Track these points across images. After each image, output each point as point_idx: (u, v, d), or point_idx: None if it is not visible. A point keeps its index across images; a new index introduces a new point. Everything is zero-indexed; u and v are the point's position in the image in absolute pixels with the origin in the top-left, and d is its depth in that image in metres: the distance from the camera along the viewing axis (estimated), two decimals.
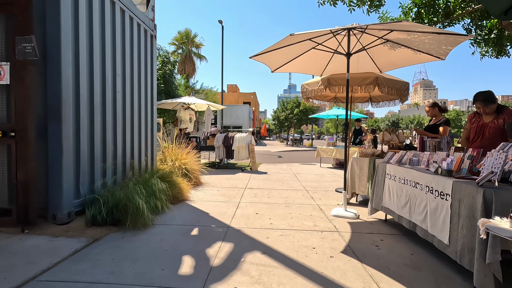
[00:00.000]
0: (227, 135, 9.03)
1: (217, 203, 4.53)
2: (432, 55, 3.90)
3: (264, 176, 7.70)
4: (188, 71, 26.94)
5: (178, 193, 4.53)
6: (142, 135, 5.11)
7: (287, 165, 10.73)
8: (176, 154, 6.15)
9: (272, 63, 4.63)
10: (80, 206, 3.42)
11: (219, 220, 3.61)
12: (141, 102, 5.04)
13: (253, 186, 6.13)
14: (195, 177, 5.99)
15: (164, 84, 9.66)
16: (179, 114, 9.72)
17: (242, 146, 8.65)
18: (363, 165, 4.55)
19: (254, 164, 8.75)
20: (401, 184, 3.11)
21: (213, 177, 7.18)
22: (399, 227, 3.40)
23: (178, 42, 27.44)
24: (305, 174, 8.14)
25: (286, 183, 6.54)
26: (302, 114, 29.91)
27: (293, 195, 5.23)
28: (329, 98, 6.78)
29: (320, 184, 6.56)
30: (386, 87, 4.78)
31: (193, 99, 9.71)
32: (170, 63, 10.09)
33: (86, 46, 3.54)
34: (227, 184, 6.28)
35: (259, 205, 4.45)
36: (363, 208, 4.38)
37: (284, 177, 7.58)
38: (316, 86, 5.26)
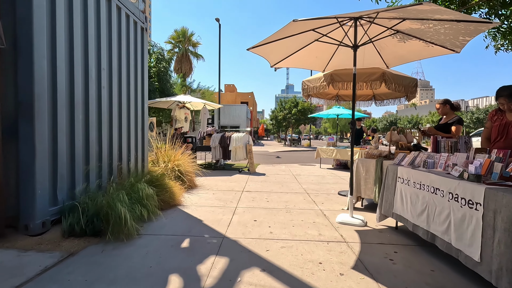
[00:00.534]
0: (224, 135, 8.68)
1: (212, 208, 4.18)
2: (446, 48, 3.58)
3: (263, 177, 7.36)
4: (184, 70, 26.56)
5: (170, 197, 4.17)
6: (132, 135, 4.75)
7: (286, 166, 10.40)
8: (169, 155, 5.79)
9: (271, 57, 4.29)
10: (57, 214, 3.05)
11: (214, 229, 3.26)
12: (130, 99, 4.67)
13: (251, 189, 5.79)
14: (190, 179, 5.64)
15: (159, 82, 9.28)
16: (174, 113, 9.35)
17: (239, 147, 8.30)
18: (370, 167, 4.23)
19: (251, 165, 8.40)
20: (417, 190, 2.78)
21: (209, 179, 6.82)
22: (413, 236, 3.08)
23: (175, 40, 27.06)
24: (305, 176, 7.81)
25: (286, 186, 6.21)
26: (300, 114, 29.62)
27: (294, 199, 4.89)
28: (330, 96, 6.46)
29: (322, 186, 6.23)
30: (393, 83, 4.45)
31: (188, 97, 9.35)
32: (165, 60, 9.71)
33: (65, 35, 3.18)
34: (224, 187, 5.93)
35: (257, 210, 4.10)
36: (369, 213, 4.05)
37: (284, 179, 7.24)
38: (318, 82, 4.93)
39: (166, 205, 4.05)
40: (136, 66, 4.88)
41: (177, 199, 4.35)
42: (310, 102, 31.50)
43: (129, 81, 4.64)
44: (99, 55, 3.81)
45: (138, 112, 4.98)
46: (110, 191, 3.09)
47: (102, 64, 3.85)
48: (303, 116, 29.80)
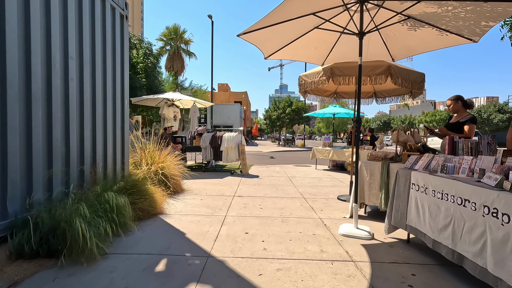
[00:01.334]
0: (215, 134, 8.18)
1: (198, 217, 3.69)
2: (463, 36, 3.17)
3: (256, 180, 6.89)
4: (176, 68, 25.93)
5: (150, 205, 3.67)
6: (109, 135, 4.22)
7: (280, 167, 9.95)
8: (154, 157, 5.27)
9: (266, 47, 3.82)
10: (8, 230, 2.53)
11: (198, 245, 2.77)
12: (107, 94, 4.15)
13: (243, 193, 5.31)
14: (175, 183, 5.14)
15: (146, 78, 8.73)
16: (162, 112, 8.81)
17: (231, 147, 7.82)
18: (374, 170, 3.80)
19: (244, 166, 7.93)
20: (437, 199, 2.35)
21: (198, 182, 6.32)
22: (430, 252, 2.65)
23: (166, 38, 26.39)
24: (301, 178, 7.37)
25: (281, 189, 5.75)
26: (295, 113, 29.25)
27: (290, 205, 4.44)
28: (328, 93, 6.03)
29: (319, 190, 5.79)
30: (400, 78, 4.03)
31: (177, 95, 8.82)
32: (153, 56, 9.15)
33: (18, 12, 2.65)
34: (213, 191, 5.44)
35: (249, 220, 3.63)
36: (375, 222, 3.62)
37: (278, 181, 6.79)
38: (317, 77, 4.48)
39: (145, 214, 3.55)
40: (114, 57, 4.36)
41: (159, 207, 3.85)
42: (304, 102, 31.19)
43: (106, 74, 4.12)
44: (65, 41, 3.28)
45: (117, 109, 4.45)
46: (68, 204, 2.56)
47: (70, 51, 3.33)
48: (297, 115, 29.44)
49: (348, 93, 6.03)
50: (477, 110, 30.32)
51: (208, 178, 7.08)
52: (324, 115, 10.28)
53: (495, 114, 28.78)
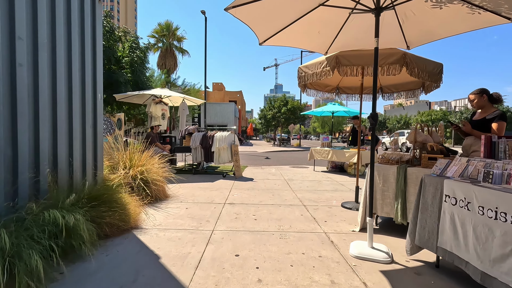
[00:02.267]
0: (206, 134, 7.56)
1: (179, 233, 3.08)
2: (500, 15, 2.62)
3: (250, 184, 6.29)
4: (169, 65, 25.19)
5: (122, 219, 3.04)
6: (77, 135, 3.58)
7: (276, 168, 9.37)
8: (133, 159, 4.64)
9: (261, 29, 3.22)
10: None
11: (173, 276, 2.16)
12: (72, 86, 3.50)
13: (235, 200, 4.71)
14: (158, 189, 4.51)
15: (132, 73, 8.06)
16: (149, 109, 8.16)
17: (223, 148, 7.21)
18: (388, 175, 3.23)
19: (237, 168, 7.32)
20: (488, 219, 1.79)
21: (186, 187, 5.70)
22: (472, 284, 2.08)
23: (158, 34, 25.62)
24: (299, 181, 6.79)
25: (278, 195, 5.16)
26: (290, 113, 28.70)
27: (289, 215, 3.85)
28: (330, 88, 5.46)
29: (320, 195, 5.22)
30: (416, 68, 3.47)
31: (165, 91, 8.17)
32: (140, 50, 8.48)
33: None
34: (202, 197, 4.83)
35: (241, 236, 3.03)
36: (390, 237, 3.06)
37: (274, 185, 6.20)
38: (319, 67, 3.90)
39: (114, 230, 2.93)
40: (83, 43, 3.71)
41: (133, 220, 3.22)
42: (300, 101, 30.66)
43: (71, 61, 3.47)
44: (11, 18, 2.64)
45: (87, 103, 3.80)
46: None
47: (17, 31, 2.68)
48: (293, 115, 28.90)
49: (352, 88, 5.47)
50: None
51: (198, 181, 6.45)
52: (322, 113, 9.74)
53: None
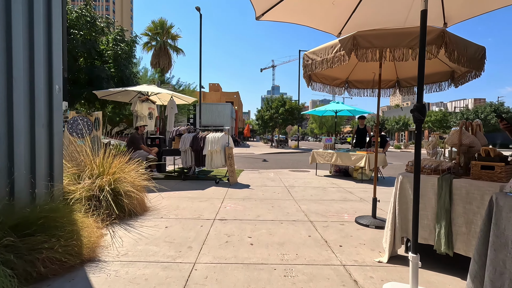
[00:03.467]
0: (197, 135, 6.77)
1: (148, 269, 2.29)
2: None
3: (246, 192, 5.51)
4: (163, 64, 24.40)
5: (70, 251, 2.24)
6: (20, 136, 2.78)
7: (274, 172, 8.59)
8: (105, 166, 3.83)
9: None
10: None
11: None
12: (13, 72, 2.71)
13: (227, 214, 3.92)
14: (134, 202, 3.72)
15: (116, 68, 7.24)
16: (135, 108, 7.35)
17: (216, 151, 6.41)
18: (425, 189, 2.46)
19: (232, 174, 6.53)
20: None
21: (172, 196, 4.91)
22: None
23: (152, 32, 24.82)
24: (301, 188, 6.02)
25: (278, 206, 4.39)
26: (288, 113, 27.97)
27: (294, 236, 3.07)
28: (339, 82, 4.70)
29: (328, 206, 4.45)
30: (456, 51, 2.71)
31: (152, 87, 7.38)
32: (126, 43, 7.65)
33: None
34: (188, 211, 4.04)
35: (232, 273, 2.25)
36: (431, 273, 2.29)
37: (274, 193, 5.42)
38: (331, 52, 3.14)
39: (57, 268, 2.12)
40: (32, 16, 2.92)
41: (89, 250, 2.42)
42: (298, 101, 29.93)
43: (10, 40, 2.68)
44: None
45: (38, 97, 3.00)
46: None
47: None
48: (291, 116, 28.17)
49: (364, 81, 4.71)
50: (474, 111, 29.69)
51: (187, 189, 5.66)
52: (324, 112, 8.99)
53: (492, 114, 28.18)
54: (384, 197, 5.11)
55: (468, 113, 29.46)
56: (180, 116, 23.03)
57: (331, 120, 62.46)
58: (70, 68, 6.72)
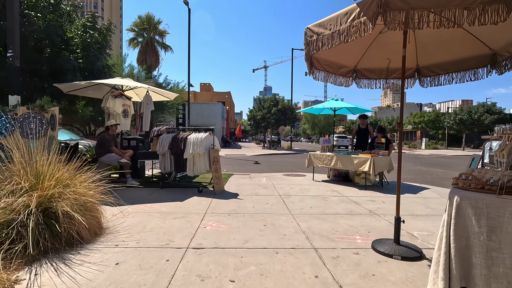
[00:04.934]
0: (177, 136, 5.82)
1: None
2: None
3: (233, 203, 4.60)
4: (150, 62, 23.28)
5: None
6: None
7: (267, 177, 7.70)
8: (40, 177, 2.87)
9: None
10: None
11: None
12: None
13: (205, 240, 3.01)
14: (82, 226, 2.76)
15: (84, 58, 6.22)
16: (106, 105, 6.36)
17: (199, 154, 5.48)
18: (501, 219, 1.60)
19: (218, 181, 5.61)
20: None
21: (141, 210, 3.96)
22: None
23: (138, 28, 23.66)
24: (298, 197, 5.15)
25: (272, 225, 3.49)
26: (281, 113, 27.16)
27: (294, 279, 2.18)
28: (345, 71, 3.84)
29: (333, 224, 3.58)
30: None
31: (127, 81, 6.40)
32: (98, 31, 6.62)
33: None
34: (155, 234, 3.11)
35: None
36: None
37: (266, 205, 4.53)
38: (345, 21, 2.28)
39: None
40: None
41: None
42: (291, 101, 29.16)
43: None
44: None
45: None
46: None
47: None
48: (284, 116, 27.37)
49: (376, 70, 3.87)
50: (467, 111, 29.46)
51: (163, 200, 4.72)
52: (322, 110, 8.16)
53: (485, 115, 27.98)
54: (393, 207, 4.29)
55: (462, 114, 29.18)
56: (168, 116, 21.93)
57: (323, 121, 62.14)
58: (29, 57, 5.70)
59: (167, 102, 20.86)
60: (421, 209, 4.50)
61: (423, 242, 3.05)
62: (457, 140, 35.66)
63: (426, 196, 5.55)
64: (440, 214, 4.24)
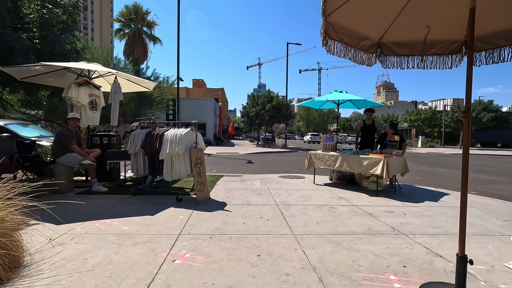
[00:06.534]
0: (151, 132, 4.77)
1: None
2: None
3: (218, 218, 3.59)
4: (137, 54, 22.01)
5: None
6: None
7: (261, 180, 6.71)
8: None
9: None
10: None
11: None
12: None
13: (171, 283, 2.00)
14: None
15: (42, 39, 5.08)
16: (68, 94, 5.26)
17: (178, 154, 4.44)
18: None
19: (202, 187, 4.58)
20: None
21: (93, 231, 2.92)
22: None
23: (125, 18, 22.31)
24: (300, 208, 4.17)
25: (269, 256, 2.50)
26: (275, 110, 26.18)
27: None
28: (368, 44, 2.87)
29: (351, 252, 2.61)
30: None
31: (94, 65, 5.30)
32: (62, 7, 5.49)
33: None
34: (96, 275, 2.09)
35: None
36: None
37: (261, 220, 3.53)
38: None
39: None
40: None
41: None
42: (286, 97, 28.15)
43: None
44: None
45: None
46: None
47: None
48: (278, 113, 26.40)
49: (408, 44, 2.89)
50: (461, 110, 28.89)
51: (127, 213, 3.67)
52: (323, 103, 7.17)
53: (483, 113, 27.51)
54: (419, 222, 3.36)
55: (459, 111, 28.71)
56: (157, 112, 20.71)
57: (318, 118, 61.20)
58: None
59: (156, 97, 19.65)
60: (456, 225, 3.56)
61: (488, 285, 2.10)
62: (453, 138, 35.25)
63: (452, 205, 4.63)
64: (487, 232, 3.31)
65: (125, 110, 17.82)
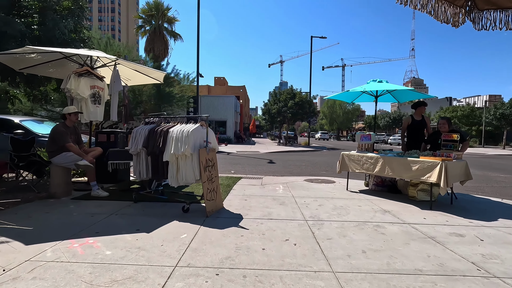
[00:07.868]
0: (155, 128, 4.01)
1: None
2: None
3: (230, 240, 2.74)
4: (158, 51, 21.76)
5: None
6: None
7: (284, 185, 5.79)
8: None
9: None
10: None
11: None
12: None
13: None
14: None
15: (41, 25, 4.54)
16: (67, 86, 4.67)
17: (183, 156, 3.63)
18: None
19: (213, 196, 3.76)
20: None
21: (67, 255, 2.16)
22: None
23: (146, 14, 22.15)
24: (336, 226, 3.22)
25: None
26: (298, 107, 25.00)
27: None
28: None
29: None
30: None
31: (96, 52, 4.65)
32: None
33: None
34: None
35: None
36: None
37: (285, 244, 2.63)
38: None
39: None
40: None
41: None
42: (310, 93, 26.87)
43: None
44: None
45: None
46: None
47: None
48: (301, 109, 25.20)
49: None
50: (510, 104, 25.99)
51: (118, 228, 2.92)
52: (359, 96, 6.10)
53: None
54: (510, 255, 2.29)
55: (504, 108, 25.82)
56: (177, 109, 20.36)
57: (342, 116, 58.82)
58: None
59: (176, 94, 19.29)
60: None
61: None
62: (493, 138, 32.11)
63: None
64: None
65: (145, 107, 17.58)
